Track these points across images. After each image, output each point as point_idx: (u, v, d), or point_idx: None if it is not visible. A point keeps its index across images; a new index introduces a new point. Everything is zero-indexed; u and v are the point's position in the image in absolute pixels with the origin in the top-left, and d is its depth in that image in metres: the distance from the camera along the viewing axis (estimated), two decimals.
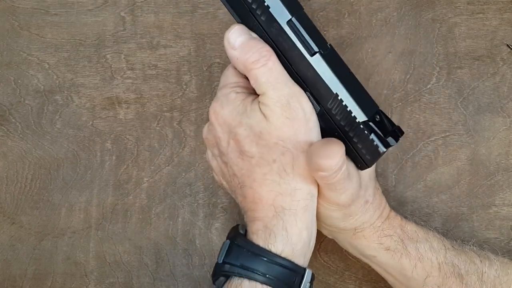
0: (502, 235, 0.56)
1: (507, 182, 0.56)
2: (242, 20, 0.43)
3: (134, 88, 0.56)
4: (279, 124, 0.42)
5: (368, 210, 0.46)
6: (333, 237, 0.50)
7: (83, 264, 0.57)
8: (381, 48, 0.56)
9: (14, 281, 0.57)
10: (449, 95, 0.56)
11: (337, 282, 0.56)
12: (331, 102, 0.43)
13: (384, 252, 0.47)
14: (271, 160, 0.42)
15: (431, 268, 0.47)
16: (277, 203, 0.42)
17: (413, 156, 0.56)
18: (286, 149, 0.42)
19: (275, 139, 0.42)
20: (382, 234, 0.47)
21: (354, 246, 0.48)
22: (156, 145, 0.57)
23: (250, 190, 0.43)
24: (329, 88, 0.42)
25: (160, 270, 0.57)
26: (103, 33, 0.56)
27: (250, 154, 0.43)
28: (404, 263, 0.47)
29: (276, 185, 0.42)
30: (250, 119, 0.43)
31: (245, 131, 0.43)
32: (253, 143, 0.42)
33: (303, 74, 0.43)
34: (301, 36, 0.42)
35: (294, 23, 0.42)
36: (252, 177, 0.43)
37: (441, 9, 0.56)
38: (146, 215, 0.57)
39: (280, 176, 0.42)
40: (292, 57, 0.43)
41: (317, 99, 0.43)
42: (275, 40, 0.43)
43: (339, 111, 0.43)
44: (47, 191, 0.57)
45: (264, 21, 0.42)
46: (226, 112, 0.44)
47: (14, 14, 0.56)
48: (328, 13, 0.56)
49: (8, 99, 0.56)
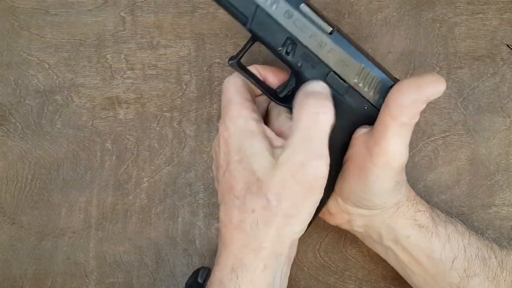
0: (502, 235, 0.56)
1: (507, 182, 0.56)
2: (249, 18, 0.43)
3: (134, 88, 0.56)
4: (279, 179, 0.41)
5: (404, 182, 0.47)
6: (367, 227, 0.49)
7: (83, 264, 0.57)
8: (381, 48, 0.56)
9: (14, 281, 0.57)
10: (449, 95, 0.56)
11: (337, 282, 0.56)
12: (358, 74, 0.44)
13: (418, 230, 0.47)
14: (251, 209, 0.41)
15: (457, 250, 0.47)
16: (240, 255, 0.41)
17: (413, 156, 0.56)
18: (269, 204, 0.41)
19: (266, 190, 0.41)
20: (416, 209, 0.47)
21: (391, 228, 0.47)
22: (156, 145, 0.57)
23: (224, 229, 0.43)
24: (355, 61, 0.44)
25: (160, 270, 0.57)
26: (103, 33, 0.56)
27: (237, 194, 0.42)
28: (434, 244, 0.47)
29: (245, 236, 0.41)
30: (253, 161, 0.42)
31: (244, 171, 0.42)
32: (245, 186, 0.41)
33: (325, 56, 0.44)
34: (315, 19, 0.43)
35: (305, 8, 0.43)
36: (229, 217, 0.42)
37: (441, 9, 0.56)
38: (146, 215, 0.57)
39: (252, 229, 0.41)
40: (311, 42, 0.43)
41: (342, 77, 0.44)
42: (290, 29, 0.43)
43: (367, 81, 0.44)
44: (47, 191, 0.57)
45: (275, 11, 0.43)
46: (234, 141, 0.43)
47: (14, 14, 0.56)
48: (328, 13, 0.56)
49: (8, 99, 0.56)
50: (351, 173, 0.46)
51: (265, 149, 0.42)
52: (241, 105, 0.44)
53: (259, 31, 0.43)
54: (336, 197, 0.48)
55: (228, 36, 0.56)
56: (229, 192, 0.42)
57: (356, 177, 0.45)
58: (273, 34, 0.43)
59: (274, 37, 0.43)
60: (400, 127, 0.42)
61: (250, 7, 0.43)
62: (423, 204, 0.49)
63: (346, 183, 0.46)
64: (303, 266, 0.56)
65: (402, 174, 0.45)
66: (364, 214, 0.47)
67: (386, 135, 0.42)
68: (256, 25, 0.43)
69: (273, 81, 0.47)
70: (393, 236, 0.48)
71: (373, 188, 0.44)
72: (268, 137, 0.43)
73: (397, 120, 0.42)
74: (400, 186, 0.46)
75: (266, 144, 0.42)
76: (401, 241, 0.48)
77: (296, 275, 0.57)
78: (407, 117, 0.42)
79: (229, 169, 0.42)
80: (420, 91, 0.41)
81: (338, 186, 0.47)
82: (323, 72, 0.44)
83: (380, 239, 0.49)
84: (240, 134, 0.42)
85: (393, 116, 0.42)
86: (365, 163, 0.44)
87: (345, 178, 0.46)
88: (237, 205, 0.42)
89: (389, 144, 0.42)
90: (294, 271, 0.56)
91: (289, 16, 0.43)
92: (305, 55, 0.44)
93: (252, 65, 0.47)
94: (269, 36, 0.43)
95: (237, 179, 0.42)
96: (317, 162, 0.40)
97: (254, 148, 0.42)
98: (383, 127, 0.42)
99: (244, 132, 0.42)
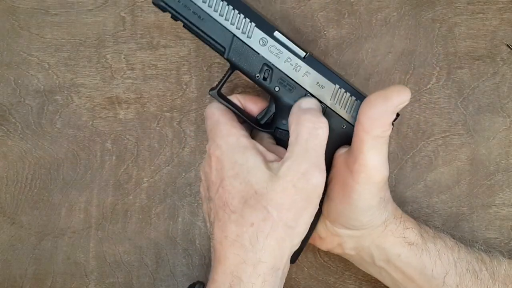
0: (502, 235, 0.56)
1: (507, 182, 0.56)
2: (226, 48, 0.45)
3: (134, 88, 0.56)
4: (280, 189, 0.41)
5: (389, 199, 0.48)
6: (358, 249, 0.49)
7: (83, 264, 0.57)
8: (381, 48, 0.56)
9: (14, 281, 0.57)
10: (449, 95, 0.56)
11: (337, 282, 0.56)
12: (334, 95, 0.46)
13: (408, 248, 0.48)
14: (249, 222, 0.41)
15: (448, 265, 0.48)
16: (237, 272, 0.41)
17: (413, 156, 0.56)
18: (269, 215, 0.41)
19: (266, 202, 0.41)
20: (404, 226, 0.48)
21: (382, 248, 0.48)
22: (156, 145, 0.57)
23: (219, 246, 0.43)
24: (329, 82, 0.46)
25: (160, 270, 0.57)
26: (103, 33, 0.56)
27: (233, 209, 0.42)
28: (425, 260, 0.48)
29: (243, 251, 0.41)
30: (250, 174, 0.42)
31: (240, 185, 0.42)
32: (242, 200, 0.42)
33: (301, 79, 0.46)
34: (289, 45, 0.46)
35: (279, 35, 0.46)
36: (225, 233, 0.42)
37: (441, 9, 0.56)
38: (146, 215, 0.57)
39: (251, 243, 0.41)
40: (287, 66, 0.46)
41: (318, 98, 0.46)
42: (265, 55, 0.46)
43: (343, 101, 0.47)
44: (47, 191, 0.57)
45: (251, 40, 0.45)
46: (228, 157, 0.43)
47: (14, 14, 0.56)
48: (328, 13, 0.56)
49: (8, 99, 0.56)
50: (336, 193, 0.47)
51: (260, 162, 0.43)
52: (229, 125, 0.45)
53: (236, 60, 0.46)
54: (325, 221, 0.49)
55: None
56: (224, 207, 0.43)
57: (341, 196, 0.46)
58: (250, 62, 0.46)
59: (251, 65, 0.46)
60: (375, 139, 0.43)
61: (226, 37, 0.45)
62: (411, 221, 0.49)
63: (332, 204, 0.47)
64: (303, 266, 0.56)
65: (385, 190, 0.46)
66: (353, 235, 0.48)
67: (363, 150, 0.43)
68: (233, 54, 0.46)
69: (254, 109, 0.49)
70: (384, 256, 0.49)
71: (358, 206, 0.45)
72: (260, 151, 0.44)
73: (371, 133, 0.43)
74: (386, 203, 0.47)
75: (260, 158, 0.43)
76: (393, 260, 0.48)
77: (296, 275, 0.57)
78: (379, 129, 0.43)
79: (223, 185, 0.43)
80: (387, 102, 0.42)
81: (325, 208, 0.48)
82: (300, 95, 0.46)
83: (372, 260, 0.49)
84: (234, 150, 0.44)
85: (366, 130, 0.43)
86: (347, 182, 0.45)
87: (331, 199, 0.47)
88: (233, 220, 0.42)
89: (367, 159, 0.43)
90: (294, 271, 0.56)
91: (264, 43, 0.45)
92: (281, 79, 0.46)
93: (233, 95, 0.49)
94: (247, 64, 0.46)
95: (232, 194, 0.42)
96: (317, 172, 0.42)
97: (249, 162, 0.43)
98: (359, 143, 0.44)
99: (237, 148, 0.44)
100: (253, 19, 0.45)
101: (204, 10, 0.45)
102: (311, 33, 0.56)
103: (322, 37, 0.56)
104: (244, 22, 0.45)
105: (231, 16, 0.45)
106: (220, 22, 0.45)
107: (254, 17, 0.45)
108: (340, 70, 0.56)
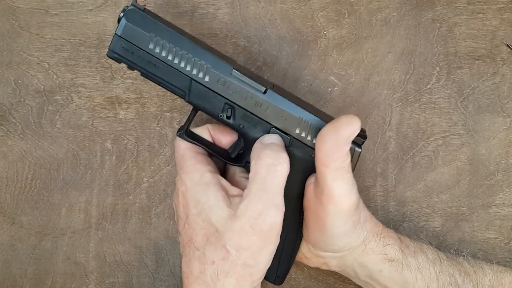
0: (502, 235, 0.56)
1: (507, 182, 0.56)
2: (186, 92, 0.46)
3: (134, 88, 0.56)
4: (238, 229, 0.42)
5: (367, 217, 0.48)
6: (342, 267, 0.50)
7: (83, 264, 0.57)
8: (381, 48, 0.56)
9: (14, 281, 0.57)
10: (449, 95, 0.56)
11: (337, 282, 0.57)
12: (299, 125, 0.46)
13: (389, 265, 0.48)
14: (211, 260, 0.43)
15: (429, 279, 0.48)
16: None
17: (413, 156, 0.56)
18: (228, 254, 0.42)
19: (225, 241, 0.42)
20: (384, 243, 0.48)
21: (364, 265, 0.49)
22: (156, 145, 0.57)
23: (185, 280, 0.44)
24: (292, 114, 0.46)
25: (160, 270, 0.57)
26: (103, 33, 0.56)
27: (197, 246, 0.43)
28: (406, 275, 0.48)
29: (206, 287, 0.43)
30: (211, 212, 0.43)
31: (203, 223, 0.43)
32: (204, 238, 0.43)
33: (263, 114, 0.46)
34: (248, 81, 0.46)
35: (236, 73, 0.46)
36: (190, 268, 0.44)
37: (441, 9, 0.56)
38: (146, 215, 0.57)
39: (212, 280, 0.42)
40: (248, 103, 0.46)
41: (283, 130, 0.47)
42: (226, 95, 0.46)
43: (308, 131, 0.47)
44: (47, 191, 0.57)
45: (209, 81, 0.45)
46: (191, 195, 0.44)
47: (14, 14, 0.56)
48: (328, 13, 0.56)
49: (8, 99, 0.56)
50: (311, 222, 0.47)
51: (221, 200, 0.43)
52: (194, 159, 0.46)
53: (198, 101, 0.46)
54: (307, 244, 0.50)
55: (228, 36, 0.56)
56: (189, 244, 0.44)
57: (316, 225, 0.47)
58: (211, 102, 0.46)
59: (213, 105, 0.46)
60: (336, 171, 0.44)
61: (184, 81, 0.45)
62: (391, 237, 0.49)
63: (309, 232, 0.48)
64: (303, 266, 0.56)
65: (358, 212, 0.47)
66: (335, 256, 0.49)
67: (326, 183, 0.44)
68: (194, 97, 0.46)
69: (225, 141, 0.49)
70: (367, 272, 0.49)
71: (333, 233, 0.46)
72: (224, 187, 0.45)
73: (330, 166, 0.44)
74: (363, 223, 0.47)
75: (221, 195, 0.44)
76: (375, 276, 0.49)
77: (296, 275, 0.57)
78: (337, 162, 0.43)
79: (189, 222, 0.44)
80: (338, 135, 0.43)
81: (305, 233, 0.49)
82: (265, 129, 0.47)
83: (357, 276, 0.50)
84: (196, 188, 0.44)
85: (325, 164, 0.44)
86: (318, 212, 0.46)
87: (307, 227, 0.48)
88: (197, 257, 0.43)
89: (331, 190, 0.44)
90: (294, 271, 0.56)
91: (223, 83, 0.46)
92: (245, 116, 0.46)
93: (204, 126, 0.49)
94: (208, 105, 0.46)
95: (196, 231, 0.43)
96: (273, 212, 0.43)
97: (210, 200, 0.44)
98: (321, 176, 0.44)
99: (200, 185, 0.44)
100: (208, 61, 0.45)
101: (158, 58, 0.45)
102: (311, 33, 0.56)
103: (322, 37, 0.56)
104: (200, 64, 0.45)
105: (186, 60, 0.45)
106: (175, 67, 0.45)
107: (209, 58, 0.45)
108: (340, 70, 0.56)
